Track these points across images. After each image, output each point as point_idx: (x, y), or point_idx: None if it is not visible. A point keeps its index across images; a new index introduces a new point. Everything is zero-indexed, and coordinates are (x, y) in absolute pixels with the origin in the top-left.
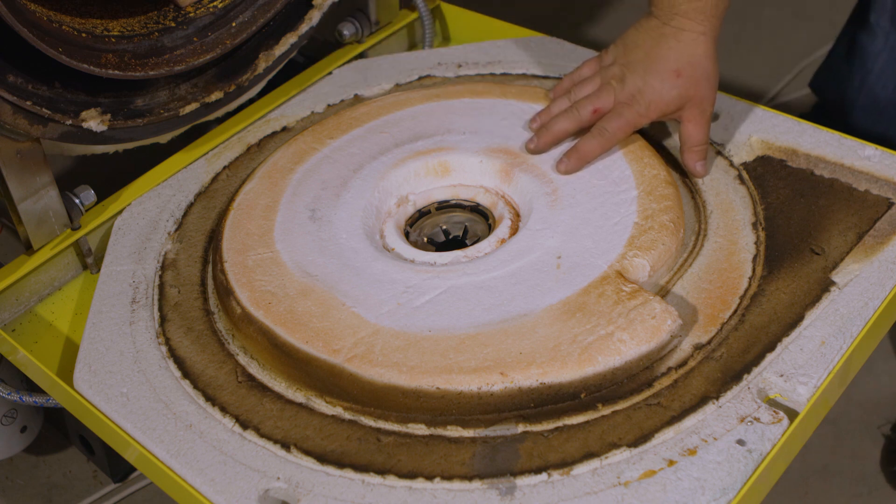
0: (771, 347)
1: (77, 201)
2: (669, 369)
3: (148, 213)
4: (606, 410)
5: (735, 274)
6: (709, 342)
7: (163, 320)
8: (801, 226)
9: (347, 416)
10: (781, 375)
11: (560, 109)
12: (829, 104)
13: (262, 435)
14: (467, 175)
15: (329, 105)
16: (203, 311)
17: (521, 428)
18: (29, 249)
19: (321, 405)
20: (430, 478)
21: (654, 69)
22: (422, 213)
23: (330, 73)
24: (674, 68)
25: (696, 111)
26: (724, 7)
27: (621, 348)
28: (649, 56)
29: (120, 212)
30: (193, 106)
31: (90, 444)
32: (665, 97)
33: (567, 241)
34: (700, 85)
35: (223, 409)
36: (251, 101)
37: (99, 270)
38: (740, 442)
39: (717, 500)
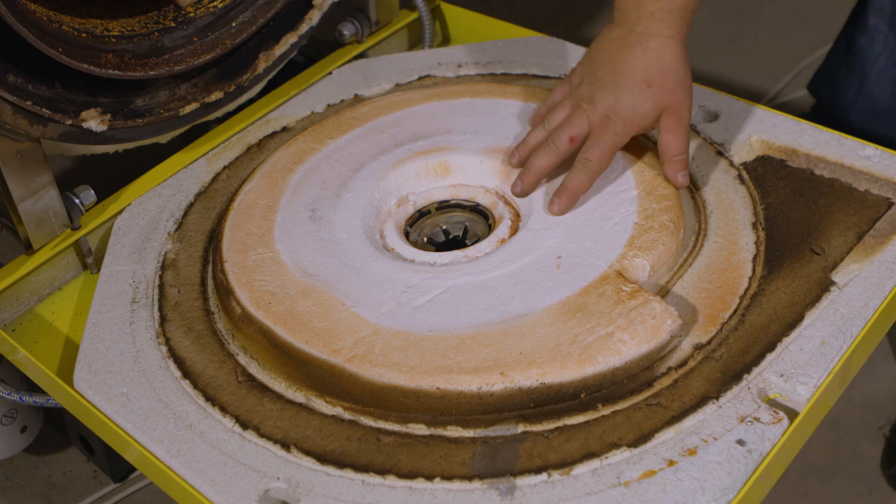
0: (771, 347)
1: (77, 201)
2: (669, 369)
3: (148, 213)
4: (606, 410)
5: (735, 274)
6: (709, 342)
7: (163, 320)
8: (801, 226)
9: (347, 416)
10: (781, 375)
11: (537, 141)
12: (827, 107)
13: (262, 435)
14: (467, 175)
15: (329, 105)
16: (203, 311)
17: (521, 428)
18: (29, 249)
19: (321, 405)
20: (430, 478)
21: (623, 83)
22: (422, 213)
23: (330, 73)
24: (643, 78)
25: (672, 120)
26: (693, 7)
27: (621, 348)
28: (616, 70)
29: (120, 212)
30: (193, 106)
31: (90, 444)
32: (640, 111)
33: (567, 241)
34: (674, 93)
35: (223, 409)
36: (251, 101)
37: (99, 270)
38: (740, 442)
39: (717, 501)
